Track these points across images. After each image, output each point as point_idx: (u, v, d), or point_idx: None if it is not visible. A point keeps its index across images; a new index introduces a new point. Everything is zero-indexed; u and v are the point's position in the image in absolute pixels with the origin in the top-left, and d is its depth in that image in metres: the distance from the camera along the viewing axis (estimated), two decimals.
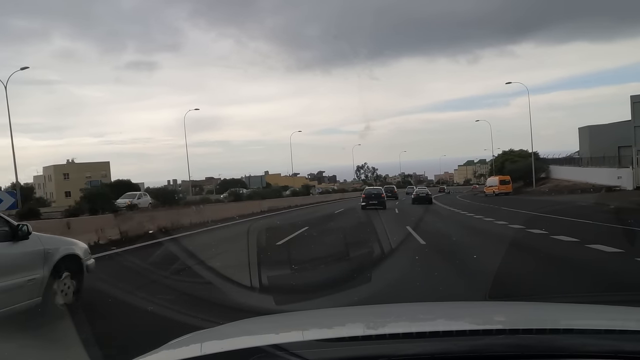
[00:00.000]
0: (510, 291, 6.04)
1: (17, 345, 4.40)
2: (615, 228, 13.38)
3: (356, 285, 6.27)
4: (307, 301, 5.33)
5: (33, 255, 5.25)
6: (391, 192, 45.85)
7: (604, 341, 1.43)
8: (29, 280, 5.05)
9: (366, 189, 35.80)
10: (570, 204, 24.52)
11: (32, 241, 5.31)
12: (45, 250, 5.42)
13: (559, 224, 14.43)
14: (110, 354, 3.97)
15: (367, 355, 1.38)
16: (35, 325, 5.02)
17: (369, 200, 28.92)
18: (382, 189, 33.82)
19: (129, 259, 10.19)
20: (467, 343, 1.43)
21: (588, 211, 19.39)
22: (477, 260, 8.76)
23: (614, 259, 8.08)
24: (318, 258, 9.28)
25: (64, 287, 5.57)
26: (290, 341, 1.58)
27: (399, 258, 9.16)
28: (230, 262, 9.12)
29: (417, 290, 6.22)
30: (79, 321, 4.67)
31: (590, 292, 6.02)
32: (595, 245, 9.30)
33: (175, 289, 6.72)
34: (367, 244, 11.15)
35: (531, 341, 1.43)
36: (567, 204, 24.77)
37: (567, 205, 23.66)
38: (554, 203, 27.63)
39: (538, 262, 8.48)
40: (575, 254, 8.94)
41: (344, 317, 2.25)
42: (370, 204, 28.35)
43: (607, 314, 2.06)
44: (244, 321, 2.25)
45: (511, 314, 2.12)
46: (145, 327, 4.90)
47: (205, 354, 1.48)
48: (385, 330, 1.88)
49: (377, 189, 33.40)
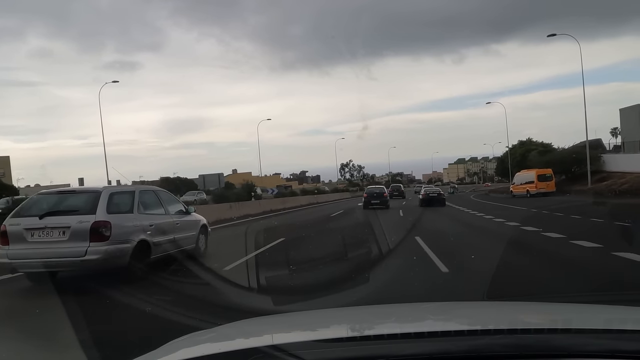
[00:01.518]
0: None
1: (16, 346, 4.56)
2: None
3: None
4: (305, 302, 5.22)
5: (193, 223, 10.03)
6: (398, 191, 44.21)
7: (602, 341, 1.43)
8: (192, 235, 9.87)
9: (368, 188, 33.26)
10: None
11: (192, 215, 10.12)
12: (196, 220, 10.27)
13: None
14: (108, 354, 3.98)
15: (366, 356, 1.38)
16: (36, 327, 5.21)
17: (370, 199, 27.54)
18: (384, 188, 31.66)
19: None
20: (465, 343, 1.44)
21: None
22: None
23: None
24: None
25: (202, 240, 10.39)
26: (289, 342, 1.57)
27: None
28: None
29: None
30: (76, 321, 4.68)
31: (591, 292, 5.73)
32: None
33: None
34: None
35: (529, 341, 1.44)
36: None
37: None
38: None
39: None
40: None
41: (342, 318, 2.25)
42: (372, 203, 26.98)
43: (605, 313, 2.06)
44: (242, 322, 2.23)
45: (509, 313, 2.12)
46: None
47: (204, 355, 1.48)
48: (383, 330, 1.87)
49: (380, 188, 31.01)
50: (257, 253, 9.92)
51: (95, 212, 7.11)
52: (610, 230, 11.86)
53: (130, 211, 7.84)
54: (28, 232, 7.03)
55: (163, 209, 8.94)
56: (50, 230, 7.02)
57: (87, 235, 6.92)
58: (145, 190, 8.93)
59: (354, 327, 2.02)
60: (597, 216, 15.36)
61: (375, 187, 31.82)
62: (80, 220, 7.00)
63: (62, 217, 7.10)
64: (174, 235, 8.85)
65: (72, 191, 8.27)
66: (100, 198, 7.31)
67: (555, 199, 30.43)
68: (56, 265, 7.01)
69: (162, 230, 8.42)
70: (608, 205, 21.22)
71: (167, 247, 8.49)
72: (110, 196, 7.54)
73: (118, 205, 7.62)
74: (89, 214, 7.10)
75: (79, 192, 8.13)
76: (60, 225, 7.02)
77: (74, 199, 7.61)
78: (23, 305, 6.37)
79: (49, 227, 7.02)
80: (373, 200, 27.54)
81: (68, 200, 7.54)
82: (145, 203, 8.41)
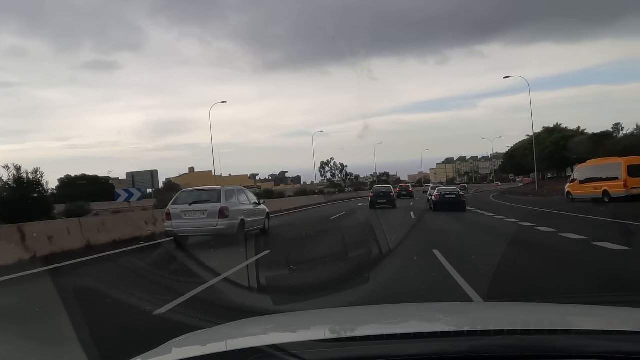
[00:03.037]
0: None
1: (17, 345, 4.64)
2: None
3: None
4: (305, 302, 5.27)
5: (262, 210, 15.04)
6: (406, 191, 44.55)
7: (601, 342, 1.43)
8: (262, 219, 14.84)
9: (375, 187, 33.28)
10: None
11: (262, 206, 15.06)
12: (264, 209, 15.25)
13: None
14: (108, 354, 4.01)
15: (365, 356, 1.39)
16: (41, 326, 5.17)
17: (377, 199, 27.90)
18: (391, 188, 32.39)
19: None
20: (465, 344, 1.45)
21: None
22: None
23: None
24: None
25: (267, 223, 15.34)
26: (289, 341, 1.58)
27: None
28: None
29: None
30: (76, 320, 4.72)
31: (590, 292, 5.84)
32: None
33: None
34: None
35: (529, 342, 1.45)
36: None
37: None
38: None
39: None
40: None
41: (342, 318, 2.27)
42: (379, 202, 27.42)
43: (605, 314, 2.08)
44: (242, 321, 2.25)
45: (509, 314, 2.13)
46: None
47: (204, 354, 1.51)
48: (383, 330, 1.88)
49: (387, 187, 31.50)
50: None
51: (220, 201, 12.08)
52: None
53: (235, 201, 12.84)
54: (182, 213, 12.02)
55: (248, 201, 13.94)
56: (195, 212, 12.01)
57: (217, 214, 11.88)
58: (240, 188, 14.13)
59: (354, 327, 2.00)
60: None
61: (382, 187, 31.97)
62: (213, 206, 11.97)
63: (202, 204, 12.10)
64: (254, 218, 13.85)
65: (204, 189, 13.33)
66: (221, 193, 12.31)
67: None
68: (199, 232, 12.01)
69: (249, 213, 13.44)
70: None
71: (252, 224, 13.50)
72: (225, 192, 12.54)
73: (229, 197, 12.61)
74: (216, 202, 12.07)
75: (208, 190, 13.15)
76: (201, 209, 12.01)
77: (206, 193, 12.64)
78: (23, 305, 6.48)
79: (195, 210, 12.02)
80: (380, 199, 27.84)
81: (203, 195, 12.58)
82: (240, 196, 13.43)
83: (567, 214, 18.97)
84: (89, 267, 9.56)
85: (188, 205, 12.09)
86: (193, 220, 11.95)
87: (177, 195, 13.06)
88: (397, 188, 43.82)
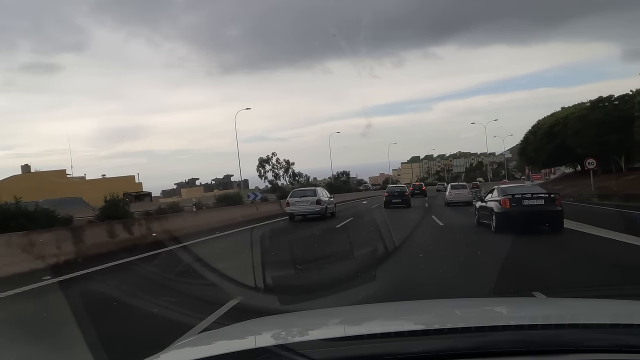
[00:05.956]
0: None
1: (25, 348, 4.72)
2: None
3: None
4: (311, 301, 5.41)
5: (332, 201, 24.89)
6: (419, 190, 45.54)
7: (609, 335, 1.44)
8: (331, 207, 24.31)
9: (389, 187, 33.26)
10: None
11: (332, 198, 24.94)
12: (333, 200, 25.16)
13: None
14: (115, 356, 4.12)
15: (373, 354, 1.40)
16: (43, 327, 5.36)
17: (392, 198, 28.32)
18: (405, 187, 32.19)
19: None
20: (472, 340, 1.45)
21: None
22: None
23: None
24: None
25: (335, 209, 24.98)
26: (296, 341, 1.62)
27: None
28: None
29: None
30: (83, 323, 4.82)
31: (596, 286, 5.82)
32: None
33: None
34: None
35: (537, 337, 1.45)
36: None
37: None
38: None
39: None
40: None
41: (349, 316, 2.28)
42: (393, 202, 27.93)
43: (611, 308, 2.08)
44: (249, 322, 2.28)
45: (516, 310, 2.15)
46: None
47: (211, 355, 1.51)
48: (390, 328, 1.88)
49: (401, 187, 31.65)
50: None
51: (316, 195, 21.74)
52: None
53: (323, 194, 22.56)
54: (296, 202, 21.62)
55: (327, 196, 23.58)
56: (303, 201, 21.66)
57: (315, 203, 21.46)
58: (322, 187, 24.15)
59: (361, 325, 2.02)
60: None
61: (396, 186, 32.39)
62: (313, 198, 21.61)
63: (306, 197, 21.68)
64: (330, 205, 23.44)
65: (307, 188, 23.40)
66: (316, 190, 22.14)
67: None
68: (307, 213, 21.53)
69: (329, 203, 23.03)
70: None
71: (329, 209, 23.03)
72: (317, 190, 22.32)
73: (320, 193, 22.27)
74: (314, 196, 21.70)
75: (308, 189, 23.02)
76: (307, 201, 21.60)
77: (308, 191, 22.47)
78: (31, 308, 6.48)
79: (303, 201, 21.60)
80: (394, 199, 28.14)
81: (306, 192, 22.38)
82: (324, 191, 23.20)
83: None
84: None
85: (299, 198, 21.70)
86: (302, 206, 21.59)
87: (291, 192, 22.99)
88: (411, 187, 45.44)
